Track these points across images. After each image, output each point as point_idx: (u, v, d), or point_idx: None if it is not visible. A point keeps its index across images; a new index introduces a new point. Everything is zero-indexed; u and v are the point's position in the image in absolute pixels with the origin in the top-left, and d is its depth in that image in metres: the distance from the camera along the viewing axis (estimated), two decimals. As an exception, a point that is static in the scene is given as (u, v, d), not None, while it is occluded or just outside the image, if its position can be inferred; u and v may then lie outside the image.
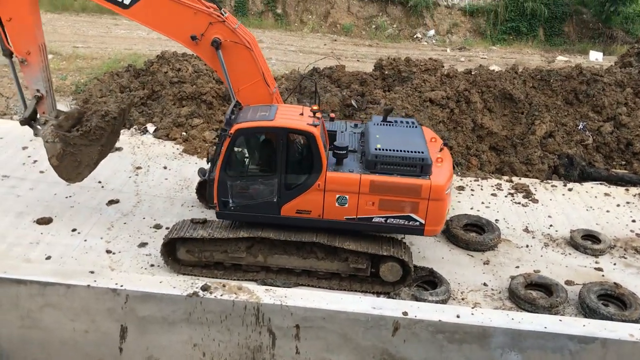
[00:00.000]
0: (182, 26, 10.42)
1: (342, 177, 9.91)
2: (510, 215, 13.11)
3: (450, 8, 29.29)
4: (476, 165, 15.14)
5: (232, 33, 10.50)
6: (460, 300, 10.28)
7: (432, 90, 15.93)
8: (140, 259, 10.79)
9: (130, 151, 14.74)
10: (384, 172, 9.90)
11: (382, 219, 10.08)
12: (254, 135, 10.24)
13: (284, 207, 10.12)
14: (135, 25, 26.63)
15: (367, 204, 9.97)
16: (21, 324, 8.96)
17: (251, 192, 10.21)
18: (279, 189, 10.01)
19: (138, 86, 17.18)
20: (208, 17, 10.35)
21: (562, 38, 28.67)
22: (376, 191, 9.89)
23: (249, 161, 10.45)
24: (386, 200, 9.93)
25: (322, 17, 29.31)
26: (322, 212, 10.09)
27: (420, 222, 10.05)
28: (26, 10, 10.32)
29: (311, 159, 9.84)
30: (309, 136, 9.74)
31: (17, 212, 11.89)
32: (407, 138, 10.52)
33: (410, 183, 9.82)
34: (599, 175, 15.00)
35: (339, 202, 9.99)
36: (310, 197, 9.99)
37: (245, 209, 10.26)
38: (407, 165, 9.88)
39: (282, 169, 9.93)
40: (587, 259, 11.74)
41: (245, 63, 10.71)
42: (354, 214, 10.07)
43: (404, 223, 10.08)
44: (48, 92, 10.97)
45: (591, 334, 8.42)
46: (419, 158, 9.88)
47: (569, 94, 16.38)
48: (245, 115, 10.21)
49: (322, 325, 8.68)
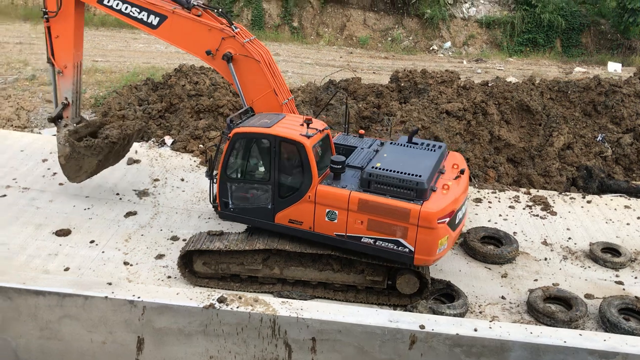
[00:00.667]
0: (198, 42, 11.11)
1: (332, 191, 9.75)
2: (528, 228, 12.99)
3: (466, 20, 29.27)
4: (493, 177, 15.04)
5: (241, 47, 10.98)
6: (478, 314, 10.18)
7: (448, 102, 15.90)
8: (157, 270, 10.84)
9: (148, 163, 14.87)
10: (377, 191, 9.56)
11: (371, 240, 9.72)
12: (251, 141, 10.36)
13: (278, 215, 10.20)
14: (154, 39, 27.03)
15: (356, 222, 9.68)
16: (40, 334, 9.03)
17: (249, 196, 10.47)
18: (273, 196, 10.13)
19: (156, 99, 17.37)
20: (220, 33, 10.94)
21: (579, 49, 28.49)
22: (365, 210, 9.55)
23: (247, 166, 10.60)
24: (375, 221, 9.57)
25: (338, 30, 29.45)
26: (312, 225, 10.02)
27: (409, 249, 9.54)
28: (71, 32, 11.88)
29: (301, 169, 9.86)
30: (299, 146, 9.75)
31: (37, 223, 12.03)
32: (415, 160, 10.07)
33: (399, 206, 9.36)
34: (618, 187, 14.82)
35: (329, 216, 9.85)
36: (301, 207, 9.97)
37: (243, 212, 10.50)
38: (402, 188, 9.44)
39: (276, 177, 10.03)
40: (607, 272, 11.57)
41: (255, 75, 11.07)
42: (343, 231, 9.83)
43: (393, 248, 9.62)
44: (74, 102, 12.46)
45: (612, 348, 8.27)
46: (413, 181, 9.38)
47: (587, 106, 16.25)
48: (249, 121, 10.48)
49: (339, 338, 8.63)
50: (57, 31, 11.93)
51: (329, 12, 29.63)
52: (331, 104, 16.80)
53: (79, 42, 12.23)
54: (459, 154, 11.27)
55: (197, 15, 11.08)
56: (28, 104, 17.96)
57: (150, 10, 11.27)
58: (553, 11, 28.29)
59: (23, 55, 22.83)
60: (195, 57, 11.67)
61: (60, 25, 11.85)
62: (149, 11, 11.29)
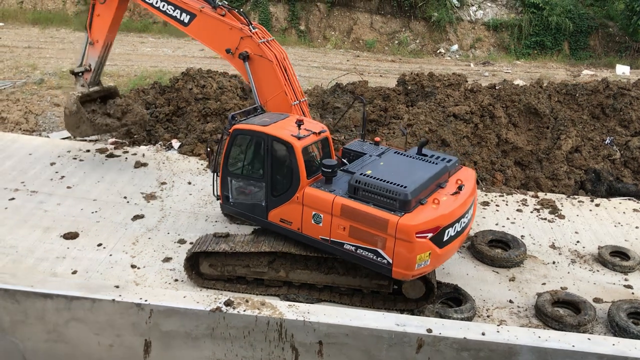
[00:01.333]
0: (221, 40, 11.82)
1: (318, 194, 9.74)
2: (536, 231, 12.93)
3: (473, 23, 29.22)
4: (501, 180, 14.98)
5: (257, 47, 11.41)
6: (486, 318, 10.13)
7: (455, 105, 15.87)
8: (164, 273, 10.86)
9: (156, 167, 14.91)
10: (363, 199, 9.41)
11: (353, 247, 9.57)
12: (248, 138, 10.51)
13: (271, 213, 10.35)
14: (161, 42, 27.17)
15: (339, 228, 9.57)
16: (47, 337, 9.06)
17: (246, 192, 10.71)
18: (267, 194, 10.30)
19: (163, 103, 17.42)
20: (239, 33, 11.53)
21: (587, 52, 28.36)
22: (347, 216, 9.43)
23: (245, 162, 10.75)
24: (356, 228, 9.41)
25: (345, 34, 29.47)
26: (301, 226, 10.07)
27: (387, 261, 9.29)
28: (110, 17, 13.34)
29: (291, 170, 9.97)
30: (289, 147, 9.88)
31: (45, 227, 12.08)
32: (410, 171, 9.86)
33: (378, 215, 9.16)
34: (627, 190, 14.73)
35: (315, 219, 9.83)
36: (291, 208, 10.07)
37: (241, 206, 10.81)
38: (386, 197, 9.23)
39: (269, 175, 10.21)
40: (616, 276, 11.50)
41: (268, 75, 11.46)
42: (327, 236, 9.77)
43: (373, 258, 9.44)
44: (95, 70, 14.19)
45: (621, 353, 8.22)
46: (397, 192, 9.14)
47: (596, 108, 16.17)
48: (253, 119, 10.78)
49: (345, 342, 8.61)
50: (100, 11, 13.40)
51: (336, 15, 29.66)
52: (338, 107, 16.80)
53: (114, 28, 13.69)
54: (471, 170, 10.90)
55: (222, 15, 11.71)
56: (36, 107, 18.06)
57: (182, 8, 12.11)
58: (561, 14, 28.18)
59: (32, 60, 22.97)
60: (202, 61, 11.84)
61: (103, 8, 13.29)
62: (182, 9, 12.13)
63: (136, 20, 29.59)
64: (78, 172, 14.39)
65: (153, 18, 29.60)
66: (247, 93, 18.05)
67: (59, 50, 24.23)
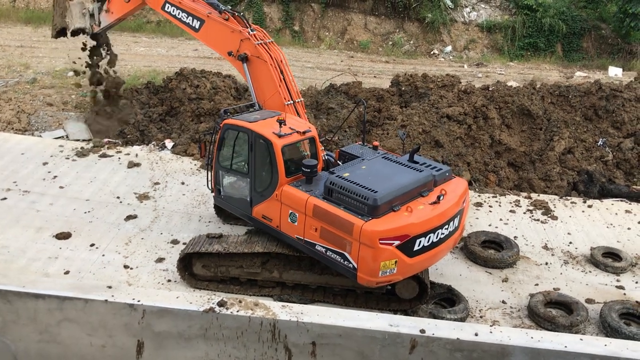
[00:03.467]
0: (224, 43, 12.27)
1: (294, 193, 9.82)
2: (529, 232, 12.97)
3: (467, 24, 29.27)
4: (494, 181, 15.03)
5: (254, 48, 11.73)
6: (479, 318, 10.15)
7: (449, 107, 15.90)
8: (157, 274, 10.83)
9: (149, 167, 14.87)
10: (335, 201, 9.40)
11: (323, 248, 9.58)
12: (236, 133, 10.68)
13: (254, 209, 10.54)
14: (155, 42, 27.08)
15: (311, 228, 9.61)
16: (39, 338, 9.00)
17: (235, 186, 10.97)
18: (251, 189, 10.50)
19: (157, 102, 17.37)
20: (240, 35, 11.90)
21: (580, 54, 28.47)
22: (318, 217, 9.45)
23: (233, 157, 10.89)
24: (325, 229, 9.41)
25: (339, 34, 29.46)
26: (279, 224, 10.18)
27: (353, 266, 9.25)
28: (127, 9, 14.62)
29: (271, 167, 10.10)
30: (269, 144, 9.99)
31: (37, 227, 12.02)
32: (389, 177, 9.73)
33: (345, 218, 9.11)
34: (619, 191, 14.80)
35: (290, 218, 9.94)
36: (271, 205, 10.22)
37: (230, 200, 11.09)
38: (356, 201, 9.15)
39: (252, 171, 10.41)
40: (608, 276, 11.55)
41: (264, 76, 11.71)
42: (301, 235, 9.84)
43: (340, 261, 9.42)
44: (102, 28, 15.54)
45: (613, 353, 8.24)
46: (366, 196, 9.03)
47: (588, 110, 16.24)
48: (246, 115, 10.98)
49: (339, 343, 8.60)
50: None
51: (330, 16, 29.65)
52: (332, 108, 16.79)
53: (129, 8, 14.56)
54: (463, 181, 10.61)
55: (225, 19, 12.17)
56: (29, 107, 17.96)
57: (193, 14, 12.72)
58: (554, 15, 28.27)
59: (24, 59, 22.83)
60: (196, 61, 11.95)
61: None
62: (193, 16, 12.73)
63: (130, 20, 29.44)
64: (71, 172, 14.33)
65: (147, 18, 29.50)
66: (242, 93, 18.02)
67: (51, 50, 24.10)
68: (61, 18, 15.79)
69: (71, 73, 21.13)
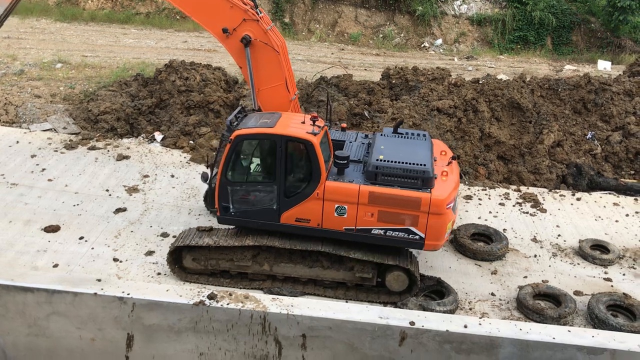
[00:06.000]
0: (216, 17, 10.67)
1: (341, 186, 9.83)
2: (518, 225, 13.04)
3: (457, 17, 29.29)
4: (484, 174, 15.09)
5: (263, 34, 10.69)
6: (468, 310, 10.21)
7: (439, 100, 15.92)
8: (147, 267, 10.80)
9: (138, 159, 14.79)
10: (384, 183, 9.76)
11: (382, 231, 9.91)
12: (255, 142, 10.24)
13: (284, 215, 10.12)
14: (144, 34, 26.88)
15: (366, 215, 9.84)
16: (28, 332, 8.96)
17: (251, 198, 10.24)
18: (279, 196, 10.02)
19: (146, 95, 17.26)
20: (243, 14, 10.58)
21: (570, 47, 28.58)
22: (375, 202, 9.74)
23: (250, 168, 10.47)
24: (385, 212, 9.77)
25: (329, 27, 29.39)
26: (321, 222, 10.04)
27: (420, 236, 9.85)
28: None
29: (309, 167, 9.82)
30: (308, 145, 9.73)
31: (25, 220, 11.94)
32: (412, 150, 10.32)
33: (410, 196, 9.64)
34: (607, 184, 14.91)
35: (338, 212, 9.91)
36: (309, 205, 9.96)
37: (245, 214, 10.29)
38: (408, 178, 9.72)
39: (282, 177, 9.93)
40: (596, 269, 11.65)
41: (270, 65, 10.83)
42: (352, 225, 9.95)
43: (404, 236, 9.89)
44: None
45: (600, 344, 8.32)
46: (420, 170, 9.70)
47: (577, 103, 16.32)
48: (247, 122, 10.28)
49: (329, 335, 8.63)
50: None
51: (321, 8, 29.57)
52: (322, 101, 16.77)
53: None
54: (439, 141, 11.51)
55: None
56: (16, 99, 17.79)
57: None
58: (544, 9, 28.36)
59: (11, 50, 22.60)
60: (185, 53, 11.56)
61: None
62: None
63: (119, 12, 29.25)
64: (59, 164, 14.23)
65: (136, 9, 29.28)
66: (231, 85, 17.95)
67: (39, 41, 23.88)
68: None
69: (60, 65, 20.97)
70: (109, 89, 17.89)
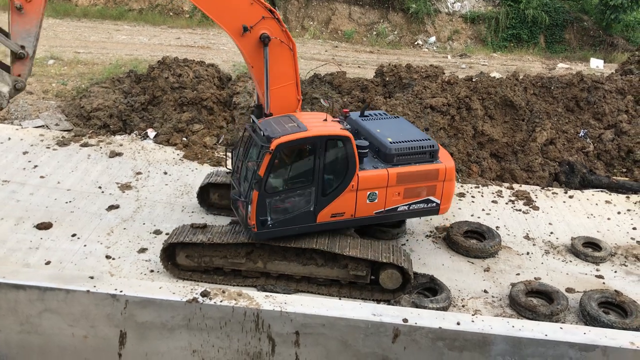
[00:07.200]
0: (236, 14, 10.13)
1: (373, 174, 10.33)
2: (510, 222, 13.09)
3: (451, 15, 29.33)
4: (477, 172, 15.13)
5: (282, 32, 10.46)
6: (461, 308, 10.24)
7: (432, 97, 15.94)
8: (139, 264, 10.76)
9: (131, 156, 14.74)
10: (402, 163, 10.53)
11: (406, 206, 10.75)
12: (294, 148, 9.96)
13: (320, 214, 10.21)
14: (137, 30, 26.76)
15: (394, 195, 10.54)
16: (20, 329, 8.93)
17: (287, 205, 10.07)
18: (316, 197, 10.07)
19: (139, 91, 17.19)
20: (262, 11, 10.24)
21: (563, 45, 28.68)
22: (402, 182, 10.51)
23: (288, 174, 10.16)
24: (410, 188, 10.62)
25: (323, 24, 29.36)
26: (354, 212, 10.38)
27: (437, 203, 10.95)
28: None
29: (346, 162, 10.07)
30: (345, 140, 9.96)
31: (17, 217, 11.87)
32: (402, 128, 11.28)
33: (430, 169, 10.66)
34: (599, 182, 14.98)
35: (370, 198, 10.40)
36: (344, 199, 10.24)
37: (282, 223, 10.06)
38: (420, 154, 10.65)
39: (320, 177, 9.99)
40: (588, 266, 11.71)
41: (284, 64, 10.65)
42: (382, 207, 10.56)
43: (424, 206, 10.89)
44: (33, 55, 9.46)
45: (592, 341, 8.38)
46: (428, 145, 10.72)
47: (570, 101, 16.39)
48: (273, 130, 9.85)
49: (322, 332, 8.64)
50: None
51: (314, 5, 29.53)
52: (316, 98, 16.76)
53: None
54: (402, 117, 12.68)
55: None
56: (8, 95, 17.67)
57: None
58: (537, 7, 28.44)
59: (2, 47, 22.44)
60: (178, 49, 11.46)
61: None
62: None
63: (111, 8, 29.10)
64: (51, 161, 14.15)
65: (129, 5, 29.14)
66: (225, 82, 17.89)
67: (31, 37, 23.67)
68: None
69: (52, 61, 20.85)
70: (102, 86, 17.79)
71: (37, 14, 8.87)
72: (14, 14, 8.84)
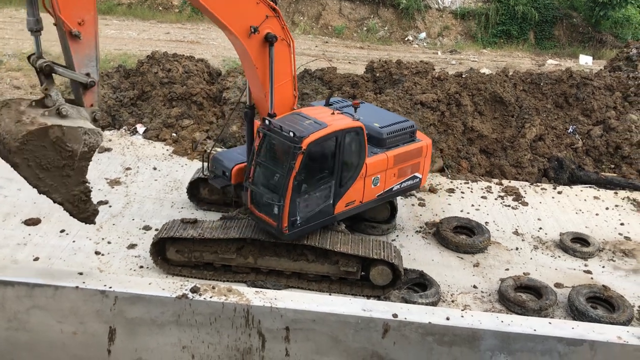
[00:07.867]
0: (243, 15, 9.57)
1: (375, 160, 10.77)
2: (500, 218, 13.15)
3: (441, 11, 29.37)
4: (466, 168, 15.18)
5: (281, 29, 10.11)
6: (450, 303, 10.29)
7: (423, 93, 15.96)
8: (129, 260, 10.72)
9: (120, 152, 14.65)
10: (392, 145, 11.12)
11: (399, 185, 11.44)
12: (320, 145, 9.86)
13: (337, 205, 10.48)
14: (126, 25, 26.58)
15: (391, 176, 11.17)
16: (8, 325, 8.86)
17: (311, 201, 10.11)
18: (335, 189, 10.34)
19: (128, 86, 17.09)
20: (266, 10, 9.79)
21: (552, 42, 28.82)
22: (397, 163, 11.16)
23: (315, 171, 10.13)
24: (402, 168, 11.31)
25: (313, 19, 29.30)
26: (362, 197, 10.76)
27: (419, 178, 11.81)
28: None
29: (359, 152, 10.37)
30: (359, 130, 10.28)
31: (5, 212, 11.78)
32: (376, 113, 12.05)
33: (416, 147, 11.41)
34: (588, 178, 15.08)
35: (374, 183, 10.93)
36: (354, 187, 10.59)
37: (308, 221, 10.12)
38: (404, 135, 11.34)
39: (339, 169, 10.23)
40: (576, 261, 11.79)
41: (284, 62, 10.29)
42: (382, 189, 11.16)
43: (411, 183, 11.67)
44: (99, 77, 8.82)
45: (580, 336, 8.43)
46: (409, 126, 11.51)
47: (559, 98, 16.47)
48: (296, 129, 9.68)
49: (312, 327, 8.64)
50: None
51: (305, 0, 29.46)
52: (307, 93, 16.74)
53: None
54: None
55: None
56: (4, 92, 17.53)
57: None
58: (527, 3, 28.55)
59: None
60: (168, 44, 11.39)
61: None
62: None
63: (100, 2, 28.86)
64: (39, 156, 14.01)
65: (118, 0, 28.92)
66: (214, 77, 17.81)
67: (18, 31, 23.48)
68: None
69: (39, 55, 20.64)
70: (91, 81, 17.66)
71: (93, 35, 8.38)
72: (71, 42, 8.25)
